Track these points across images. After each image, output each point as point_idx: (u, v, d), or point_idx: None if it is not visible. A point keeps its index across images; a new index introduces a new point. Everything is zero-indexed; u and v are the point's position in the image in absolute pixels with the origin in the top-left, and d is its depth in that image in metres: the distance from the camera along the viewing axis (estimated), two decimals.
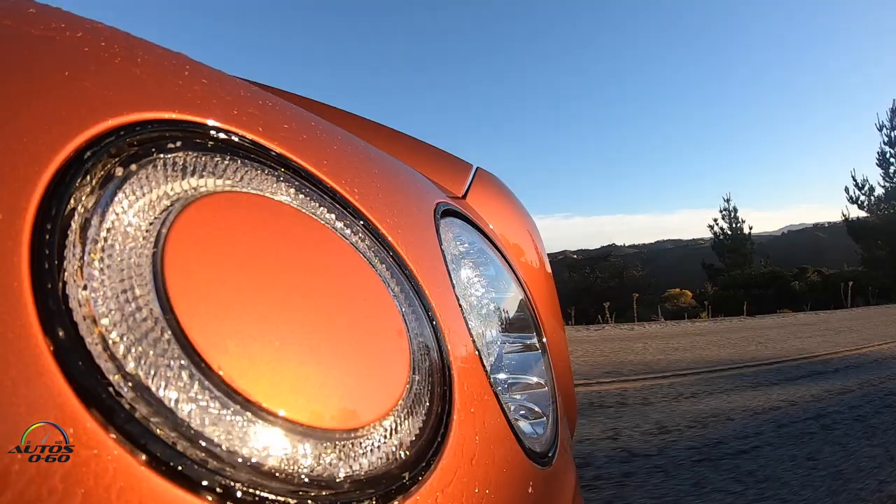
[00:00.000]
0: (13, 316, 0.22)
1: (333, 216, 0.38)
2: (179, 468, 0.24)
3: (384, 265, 0.39)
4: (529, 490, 0.46)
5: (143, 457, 0.23)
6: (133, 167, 0.29)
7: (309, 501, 0.27)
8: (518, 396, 0.58)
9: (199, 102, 0.34)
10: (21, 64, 0.28)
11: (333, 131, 0.49)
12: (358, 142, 0.52)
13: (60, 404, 0.22)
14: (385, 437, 0.32)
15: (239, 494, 0.25)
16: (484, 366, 0.45)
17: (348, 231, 0.38)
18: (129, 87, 0.31)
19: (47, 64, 0.29)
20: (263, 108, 0.40)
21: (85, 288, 0.25)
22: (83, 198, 0.26)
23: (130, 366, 0.24)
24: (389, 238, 0.41)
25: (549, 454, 0.52)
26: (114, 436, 0.23)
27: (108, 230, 0.27)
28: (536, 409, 0.58)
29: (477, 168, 0.89)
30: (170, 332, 0.26)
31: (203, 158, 0.32)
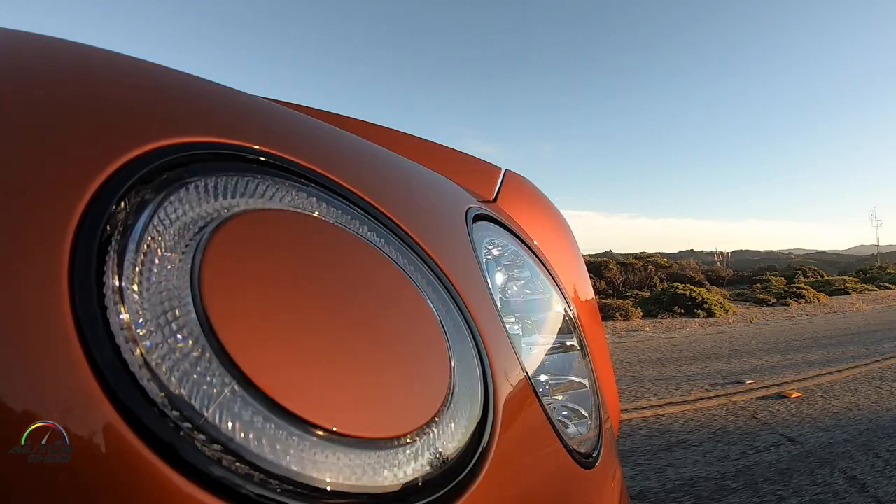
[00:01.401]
0: (56, 343, 0.23)
1: (366, 227, 0.39)
2: (226, 484, 0.24)
3: (419, 273, 0.40)
4: (575, 491, 0.46)
5: (189, 473, 0.24)
6: (165, 191, 0.30)
7: None
8: (560, 397, 0.58)
9: (226, 124, 0.35)
10: (50, 97, 0.30)
11: (360, 143, 0.49)
12: (385, 152, 0.53)
13: (106, 427, 0.23)
14: (428, 444, 0.32)
15: None
16: (524, 368, 0.44)
17: (382, 241, 0.39)
18: (157, 114, 0.32)
19: (75, 95, 0.31)
20: (287, 125, 0.41)
21: (125, 312, 0.25)
22: (119, 224, 0.27)
23: (173, 385, 0.25)
24: (423, 246, 0.42)
25: (594, 454, 0.52)
26: (160, 455, 0.23)
27: (145, 254, 0.27)
28: (579, 409, 0.58)
29: (506, 171, 0.89)
30: (211, 351, 0.26)
31: (234, 179, 0.33)
